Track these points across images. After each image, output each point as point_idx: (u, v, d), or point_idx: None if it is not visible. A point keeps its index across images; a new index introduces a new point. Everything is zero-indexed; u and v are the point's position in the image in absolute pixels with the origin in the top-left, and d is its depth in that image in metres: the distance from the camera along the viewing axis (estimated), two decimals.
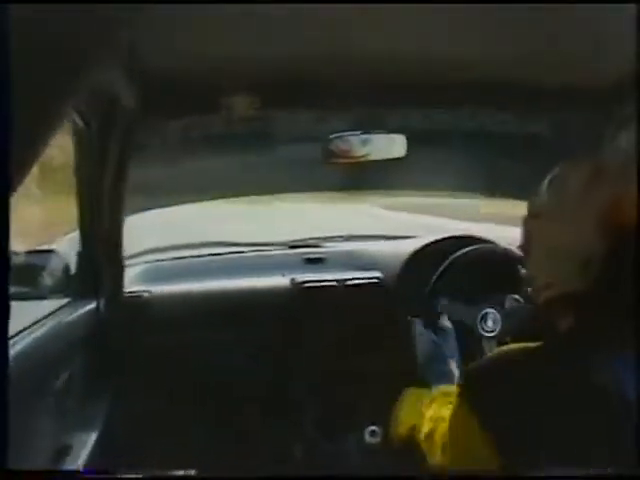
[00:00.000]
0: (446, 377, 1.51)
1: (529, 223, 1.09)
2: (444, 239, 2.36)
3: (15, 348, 1.26)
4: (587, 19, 1.20)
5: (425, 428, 1.29)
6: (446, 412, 1.25)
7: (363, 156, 1.81)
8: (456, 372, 1.55)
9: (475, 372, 1.07)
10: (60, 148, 1.76)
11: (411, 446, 1.43)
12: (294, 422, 2.31)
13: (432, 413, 1.32)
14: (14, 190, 0.51)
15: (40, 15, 0.49)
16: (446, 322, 1.77)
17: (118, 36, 0.56)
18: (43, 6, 0.48)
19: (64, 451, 1.51)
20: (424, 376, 1.56)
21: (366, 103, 1.80)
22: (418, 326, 1.75)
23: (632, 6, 0.99)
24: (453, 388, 1.41)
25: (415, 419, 1.38)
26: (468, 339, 2.02)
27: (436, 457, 1.20)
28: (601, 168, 1.01)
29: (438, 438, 1.21)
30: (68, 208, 1.88)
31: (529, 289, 1.10)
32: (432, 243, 2.36)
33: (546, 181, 1.07)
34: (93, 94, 1.48)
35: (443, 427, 1.19)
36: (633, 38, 0.98)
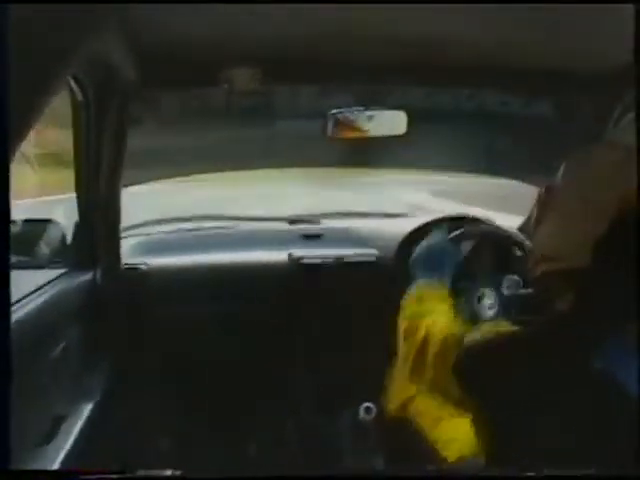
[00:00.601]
0: (436, 272, 1.44)
1: (546, 195, 1.09)
2: (442, 219, 2.35)
3: (12, 318, 1.27)
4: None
5: (405, 324, 1.28)
6: (432, 306, 1.27)
7: (363, 132, 1.80)
8: (447, 273, 1.47)
9: (468, 352, 1.07)
10: (59, 119, 1.75)
11: (404, 423, 1.44)
12: (288, 397, 2.32)
13: (416, 309, 1.31)
14: (13, 158, 0.51)
15: None
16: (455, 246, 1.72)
17: (118, 8, 0.55)
18: None
19: (58, 421, 1.52)
20: (413, 270, 1.50)
21: (367, 80, 1.79)
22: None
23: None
24: (440, 285, 1.39)
25: (406, 395, 1.39)
26: (463, 317, 2.03)
27: (411, 352, 1.21)
28: (626, 153, 1.01)
29: (420, 335, 1.21)
30: (67, 178, 1.88)
31: (530, 261, 1.10)
32: (430, 222, 2.36)
33: (572, 158, 1.08)
34: (92, 65, 1.46)
35: (428, 322, 1.19)
36: (633, 23, 0.97)
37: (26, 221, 1.84)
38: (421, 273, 1.45)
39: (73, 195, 1.85)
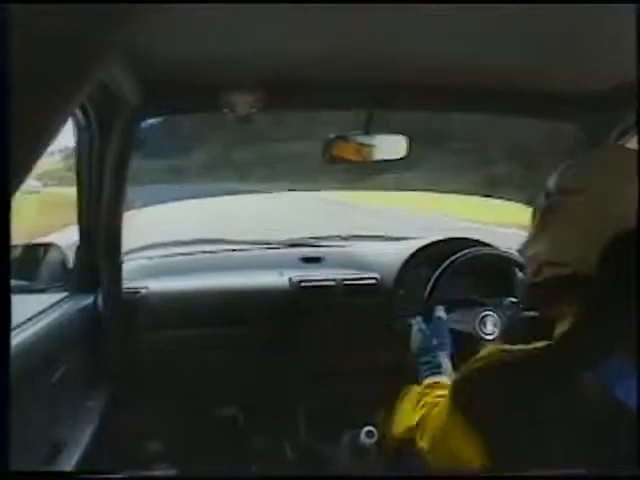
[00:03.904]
0: (435, 369, 1.50)
1: (550, 200, 1.07)
2: (442, 241, 2.36)
3: (13, 342, 1.27)
4: (587, 22, 1.20)
5: (416, 417, 1.28)
6: (436, 400, 1.27)
7: (364, 156, 1.81)
8: (447, 365, 1.54)
9: (465, 375, 1.07)
10: (61, 143, 1.77)
11: (408, 447, 1.43)
12: (288, 422, 2.31)
13: (423, 403, 1.32)
14: (16, 183, 0.51)
15: (40, 13, 0.49)
16: (441, 313, 1.76)
17: (120, 34, 0.56)
18: (44, 6, 0.48)
19: (59, 446, 1.51)
20: (416, 371, 1.54)
21: (368, 103, 1.80)
22: (415, 321, 1.75)
23: (632, 6, 0.99)
24: (443, 379, 1.43)
25: (413, 420, 1.37)
26: (466, 342, 2.02)
27: (425, 446, 1.20)
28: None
29: (428, 426, 1.20)
30: (68, 202, 1.89)
31: (531, 267, 1.08)
32: (430, 245, 2.36)
33: (581, 163, 1.07)
34: (95, 91, 1.48)
35: (433, 414, 1.19)
36: (633, 39, 0.98)
37: (27, 245, 1.85)
38: (422, 374, 1.51)
39: (74, 220, 1.86)
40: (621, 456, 0.86)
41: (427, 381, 1.45)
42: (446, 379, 1.44)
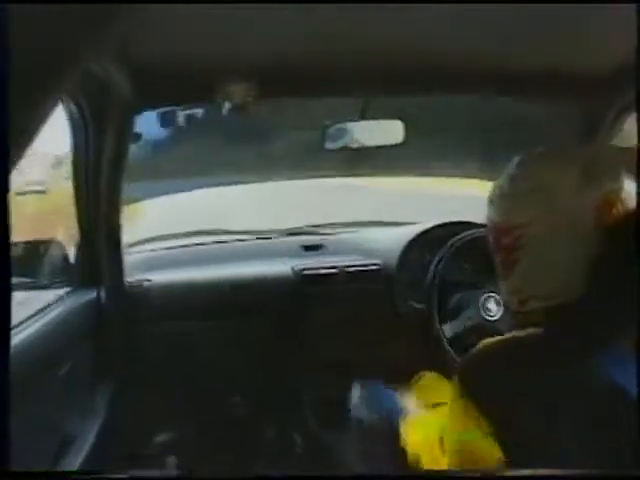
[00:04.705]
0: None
1: (515, 232, 1.00)
2: (443, 225, 2.35)
3: (16, 339, 1.27)
4: (586, 5, 1.19)
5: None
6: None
7: (361, 142, 1.81)
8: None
9: (471, 360, 1.07)
10: (58, 138, 1.76)
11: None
12: (294, 411, 2.31)
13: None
14: (11, 180, 0.52)
15: (37, 6, 0.49)
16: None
17: (114, 26, 0.56)
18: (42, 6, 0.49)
19: (66, 440, 1.52)
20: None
21: (364, 90, 1.79)
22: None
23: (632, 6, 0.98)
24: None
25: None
26: (470, 323, 2.03)
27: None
28: (591, 168, 0.95)
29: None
30: (68, 198, 1.88)
31: (514, 299, 1.04)
32: (431, 229, 2.36)
33: (526, 184, 0.99)
34: (89, 83, 1.48)
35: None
36: (633, 23, 0.97)
37: (28, 242, 1.84)
38: None
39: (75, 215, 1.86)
40: (621, 442, 0.87)
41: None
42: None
